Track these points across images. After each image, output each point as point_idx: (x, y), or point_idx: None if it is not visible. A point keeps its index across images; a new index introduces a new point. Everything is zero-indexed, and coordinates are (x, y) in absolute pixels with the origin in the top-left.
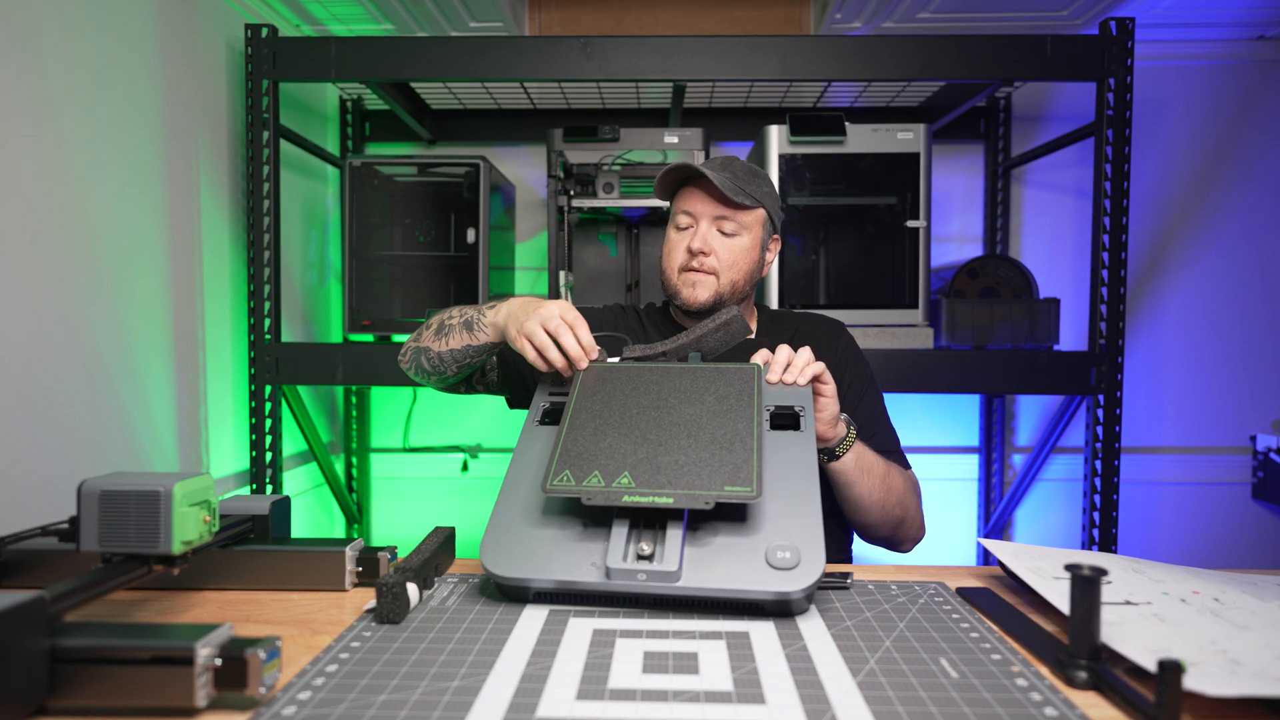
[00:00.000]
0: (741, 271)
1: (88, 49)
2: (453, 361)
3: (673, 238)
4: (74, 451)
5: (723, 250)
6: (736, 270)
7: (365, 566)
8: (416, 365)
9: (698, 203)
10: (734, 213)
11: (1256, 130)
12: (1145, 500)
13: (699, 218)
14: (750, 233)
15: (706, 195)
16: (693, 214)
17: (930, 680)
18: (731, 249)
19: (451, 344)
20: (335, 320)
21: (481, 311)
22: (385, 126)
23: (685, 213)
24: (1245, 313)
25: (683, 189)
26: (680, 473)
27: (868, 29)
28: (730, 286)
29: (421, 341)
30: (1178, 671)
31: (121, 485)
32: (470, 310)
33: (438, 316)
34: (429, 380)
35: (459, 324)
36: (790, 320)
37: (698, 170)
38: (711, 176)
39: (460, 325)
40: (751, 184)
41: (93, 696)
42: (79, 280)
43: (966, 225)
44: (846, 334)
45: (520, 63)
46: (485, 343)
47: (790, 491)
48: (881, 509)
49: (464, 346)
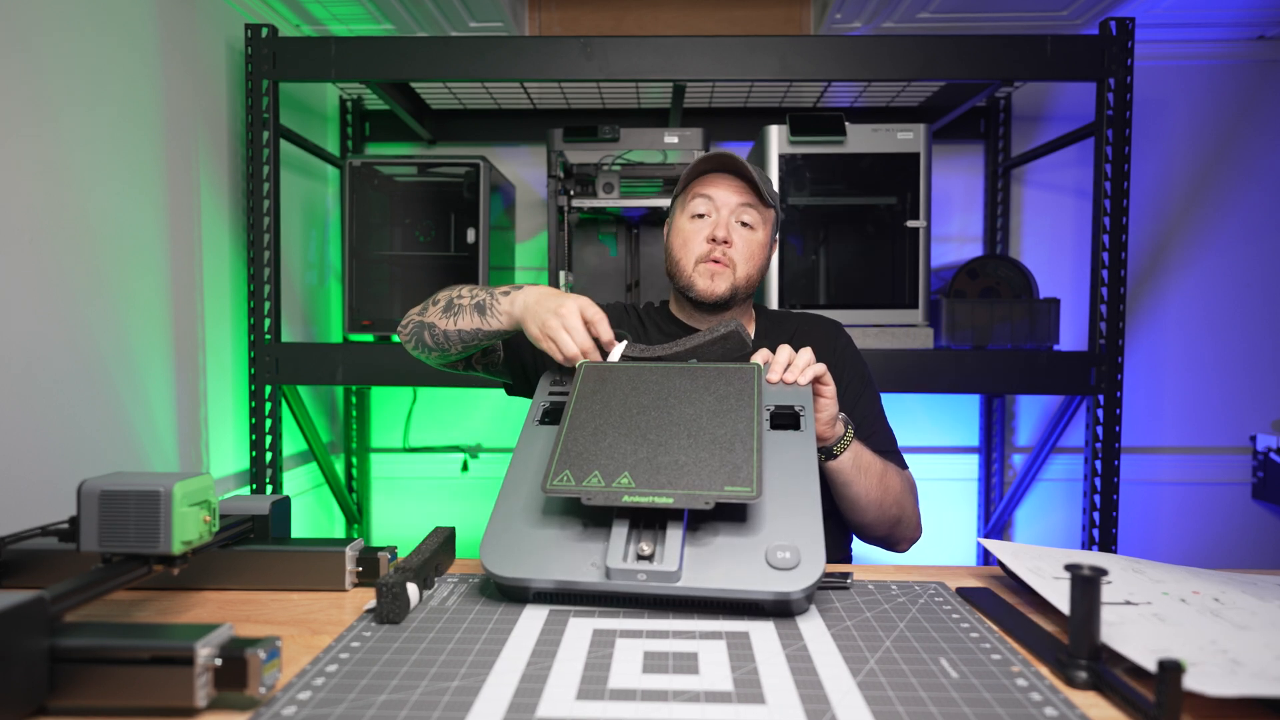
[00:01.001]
0: (756, 266)
1: (88, 49)
2: (459, 342)
3: (687, 227)
4: (74, 451)
5: (742, 242)
6: (753, 264)
7: (365, 566)
8: (418, 339)
9: (723, 191)
10: (757, 207)
11: (1256, 130)
12: (1145, 500)
13: (721, 207)
14: (764, 230)
15: (733, 186)
16: (715, 201)
17: (930, 680)
18: (750, 242)
19: (460, 324)
20: (335, 320)
21: (495, 297)
22: (385, 126)
23: (706, 197)
24: (1245, 313)
25: (705, 177)
26: (680, 473)
27: (868, 29)
28: (746, 280)
29: (428, 317)
30: (1178, 671)
31: (121, 485)
32: (482, 293)
33: (446, 293)
34: (428, 355)
35: (470, 305)
36: (789, 321)
37: (741, 162)
38: (749, 167)
39: (472, 307)
40: (769, 186)
41: (93, 696)
42: (79, 280)
43: (966, 225)
44: (844, 334)
45: (520, 63)
46: (497, 329)
47: (790, 491)
48: (878, 508)
49: (474, 329)
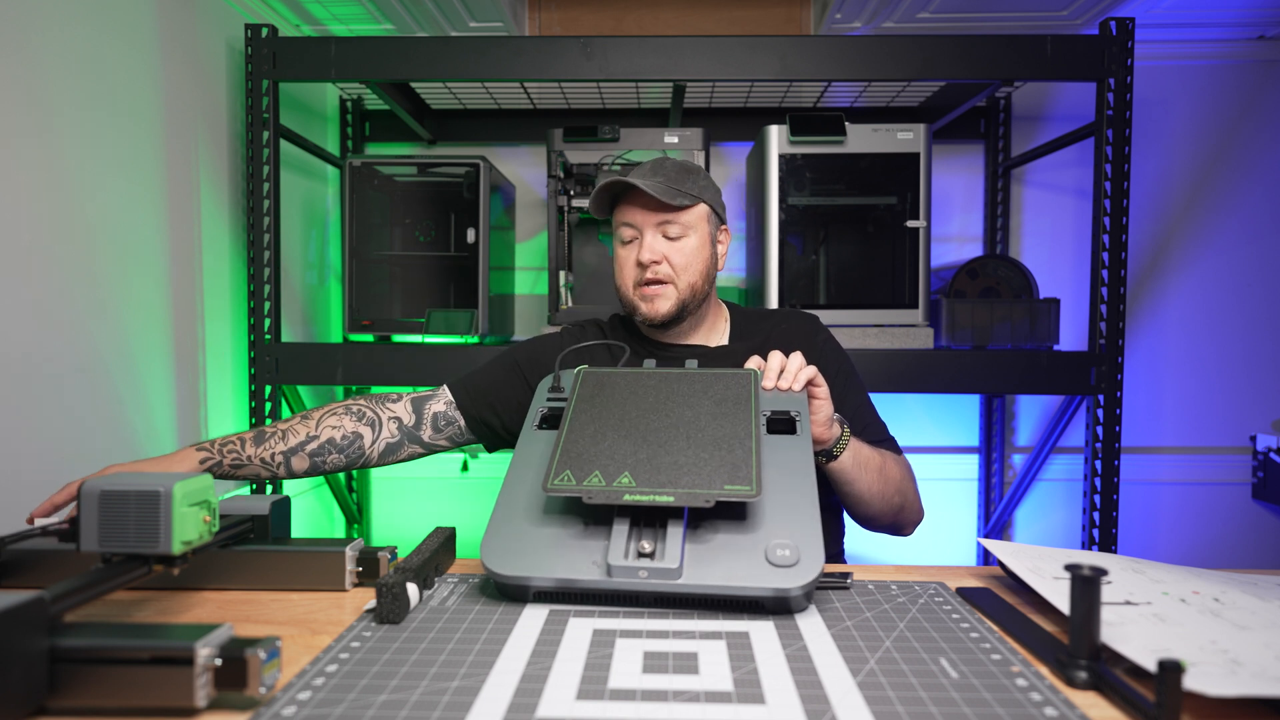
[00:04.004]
0: (698, 272)
1: (87, 49)
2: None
3: (620, 254)
4: (74, 451)
5: (673, 255)
6: (692, 272)
7: (365, 566)
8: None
9: (636, 213)
10: (675, 215)
11: (1256, 130)
12: (1145, 500)
13: (642, 228)
14: (697, 231)
15: (643, 204)
16: (634, 225)
17: (930, 680)
18: (682, 251)
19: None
20: (335, 320)
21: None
22: (385, 126)
23: (626, 224)
24: (1245, 313)
25: (619, 203)
26: (680, 472)
27: (868, 29)
28: (690, 290)
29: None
30: (1178, 671)
31: (121, 485)
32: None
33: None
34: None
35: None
36: (765, 320)
37: (627, 183)
38: (641, 184)
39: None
40: (686, 181)
41: (93, 696)
42: (79, 280)
43: (966, 225)
44: (823, 329)
45: (520, 63)
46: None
47: (788, 491)
48: (882, 499)
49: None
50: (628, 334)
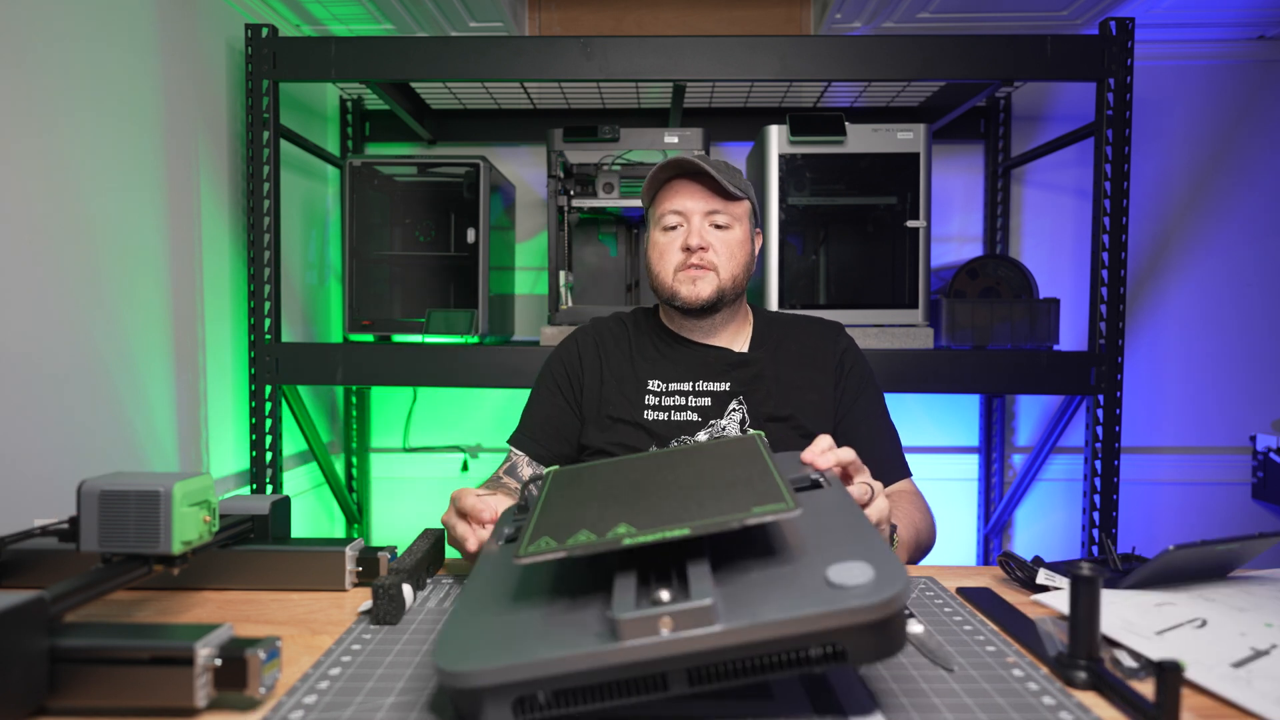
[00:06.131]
0: (740, 264)
1: (88, 49)
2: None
3: (661, 241)
4: (74, 451)
5: (719, 244)
6: (735, 264)
7: (365, 566)
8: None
9: (687, 199)
10: (725, 205)
11: (1256, 130)
12: (1145, 500)
13: (690, 215)
14: (741, 225)
15: (695, 191)
16: (682, 212)
17: (932, 674)
18: (727, 242)
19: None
20: (335, 320)
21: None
22: (385, 126)
23: (674, 212)
24: (1245, 313)
25: (666, 189)
26: (692, 506)
27: (868, 29)
28: (731, 280)
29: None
30: (1177, 672)
31: (121, 485)
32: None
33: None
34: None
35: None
36: (790, 324)
37: (698, 164)
38: (708, 166)
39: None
40: (735, 177)
41: (93, 696)
42: (79, 280)
43: (966, 225)
44: (846, 335)
45: (520, 63)
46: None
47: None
48: (912, 556)
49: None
50: (651, 330)
